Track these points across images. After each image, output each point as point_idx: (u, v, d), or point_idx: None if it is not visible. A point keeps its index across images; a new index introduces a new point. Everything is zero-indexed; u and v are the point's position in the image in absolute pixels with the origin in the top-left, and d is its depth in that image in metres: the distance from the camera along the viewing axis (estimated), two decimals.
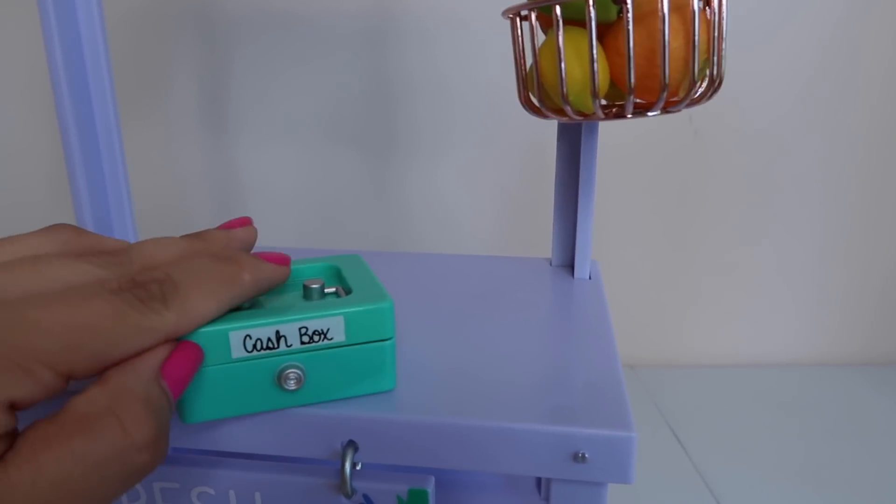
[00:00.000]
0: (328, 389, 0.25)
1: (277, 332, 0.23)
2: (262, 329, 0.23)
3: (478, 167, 0.70)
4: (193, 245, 0.25)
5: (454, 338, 0.31)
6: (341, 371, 0.25)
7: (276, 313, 0.23)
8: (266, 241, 0.31)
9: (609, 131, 0.64)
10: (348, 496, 0.26)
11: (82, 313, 0.19)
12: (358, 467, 0.26)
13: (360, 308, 0.24)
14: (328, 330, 0.24)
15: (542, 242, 0.48)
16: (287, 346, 0.23)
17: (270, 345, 0.23)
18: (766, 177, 0.71)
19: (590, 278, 0.37)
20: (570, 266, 0.38)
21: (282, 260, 0.25)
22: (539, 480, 0.45)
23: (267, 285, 0.24)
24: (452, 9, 0.64)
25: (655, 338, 0.77)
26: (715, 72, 0.28)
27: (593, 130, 0.34)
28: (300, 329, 0.23)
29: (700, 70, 0.28)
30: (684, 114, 0.69)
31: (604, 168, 0.68)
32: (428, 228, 0.72)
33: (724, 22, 0.28)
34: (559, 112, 0.30)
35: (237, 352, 0.23)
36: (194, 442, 0.26)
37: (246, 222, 0.27)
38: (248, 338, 0.23)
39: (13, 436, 0.18)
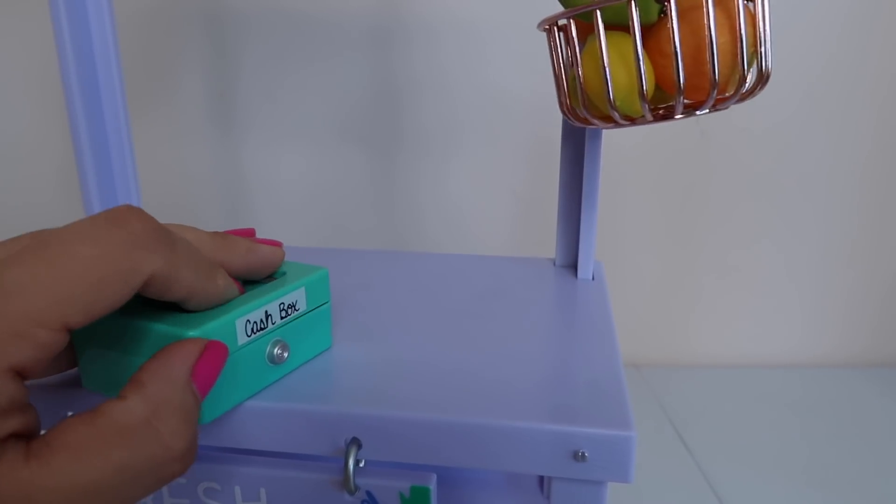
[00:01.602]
0: (299, 355, 0.28)
1: (266, 311, 0.25)
2: (256, 312, 0.25)
3: (485, 167, 0.70)
4: (215, 241, 0.24)
5: (457, 337, 0.31)
6: (306, 336, 0.28)
7: (258, 296, 0.25)
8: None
9: (614, 132, 0.64)
10: (351, 493, 0.26)
11: (67, 262, 0.18)
12: (361, 464, 0.26)
13: (313, 277, 0.28)
14: (296, 301, 0.27)
15: (548, 242, 0.49)
16: (272, 324, 0.26)
17: (262, 325, 0.25)
18: (771, 177, 0.71)
19: (593, 279, 0.37)
20: (573, 266, 0.38)
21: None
22: (541, 479, 0.45)
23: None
24: (460, 10, 0.65)
25: (660, 337, 0.77)
26: (763, 65, 0.27)
27: (597, 132, 0.35)
28: (279, 305, 0.26)
29: (748, 64, 0.27)
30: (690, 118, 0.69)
31: (610, 168, 0.68)
32: (435, 228, 0.72)
33: (768, 12, 0.27)
34: (606, 119, 0.29)
35: (241, 338, 0.24)
36: (201, 438, 0.26)
37: (275, 244, 0.27)
38: (247, 322, 0.24)
39: (28, 408, 0.18)
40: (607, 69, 0.27)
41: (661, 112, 0.29)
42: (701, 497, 0.54)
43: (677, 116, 0.28)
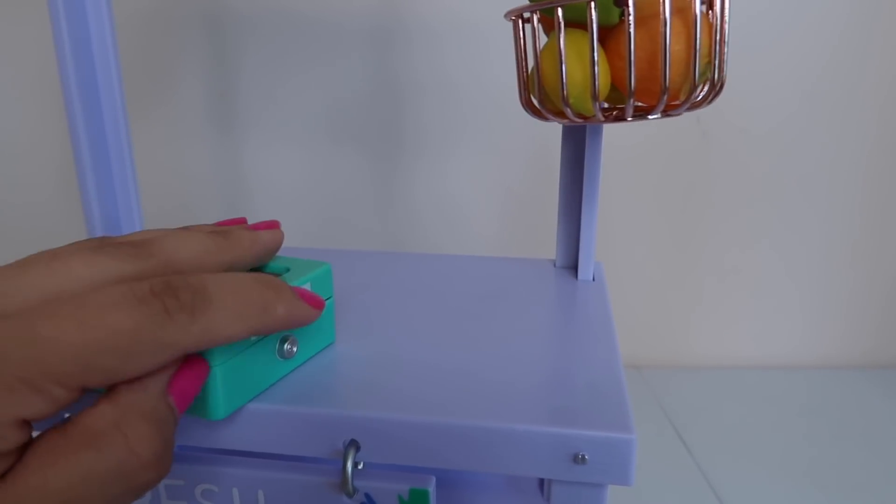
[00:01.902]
0: (307, 350, 0.28)
1: None
2: None
3: (484, 168, 0.70)
4: (219, 244, 0.24)
5: (456, 338, 0.31)
6: (312, 331, 0.28)
7: None
8: None
9: (615, 132, 0.64)
10: (350, 495, 0.26)
11: (99, 330, 0.17)
12: (360, 467, 0.26)
13: (318, 272, 0.28)
14: None
15: (548, 243, 0.48)
16: None
17: None
18: (772, 178, 0.70)
19: (593, 280, 0.37)
20: (573, 267, 0.38)
21: (314, 302, 0.25)
22: (541, 481, 0.45)
23: (296, 323, 0.24)
24: (459, 10, 0.65)
25: (661, 339, 0.77)
26: (716, 76, 0.28)
27: (598, 132, 0.35)
28: None
29: (701, 74, 0.28)
30: (692, 115, 0.69)
31: (610, 169, 0.68)
32: (434, 229, 0.72)
33: (727, 25, 0.28)
34: (559, 114, 0.30)
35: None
36: (199, 440, 0.26)
37: (274, 226, 0.27)
38: None
39: (25, 447, 0.18)
40: (563, 66, 0.27)
41: (613, 113, 0.30)
42: (702, 499, 0.54)
43: (628, 119, 0.29)
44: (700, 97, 0.29)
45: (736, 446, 0.60)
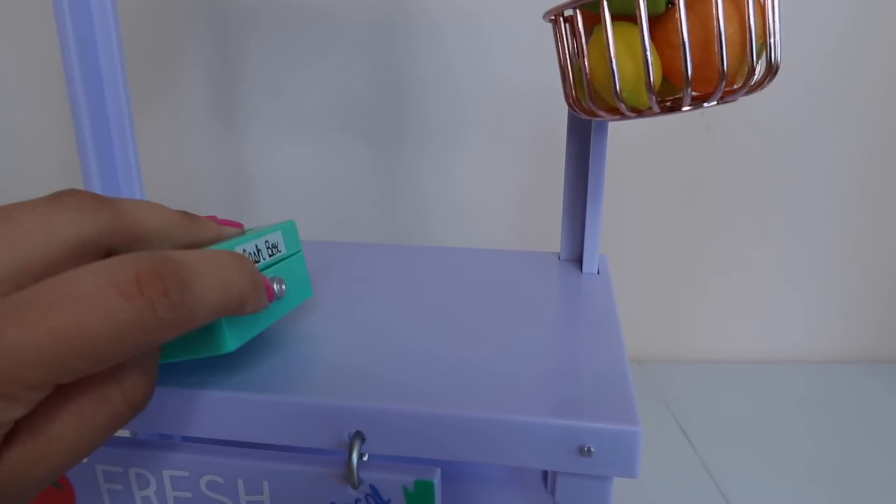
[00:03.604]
0: (292, 299, 0.29)
1: (256, 245, 0.27)
2: (249, 243, 0.26)
3: (490, 161, 0.70)
4: (185, 224, 0.24)
5: (462, 330, 0.31)
6: (294, 280, 0.29)
7: (249, 237, 0.27)
8: None
9: (619, 125, 0.64)
10: (355, 486, 0.26)
11: (73, 338, 0.16)
12: (365, 458, 0.26)
13: (284, 224, 0.30)
14: (277, 243, 0.29)
15: (553, 237, 0.48)
16: (263, 259, 0.27)
17: (255, 258, 0.26)
18: (775, 173, 0.70)
19: (598, 273, 0.37)
20: (578, 260, 0.38)
21: (270, 293, 0.25)
22: (545, 474, 0.45)
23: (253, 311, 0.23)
24: (465, 3, 0.64)
25: (664, 333, 0.77)
26: (773, 56, 0.27)
27: (603, 126, 0.34)
28: (265, 242, 0.28)
29: (758, 55, 0.27)
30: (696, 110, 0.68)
31: (615, 163, 0.68)
32: (439, 222, 0.72)
33: (778, 4, 0.27)
34: (612, 111, 0.29)
35: None
36: (203, 431, 0.26)
37: (237, 226, 0.27)
38: (244, 251, 0.26)
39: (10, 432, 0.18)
40: (614, 60, 0.26)
41: (667, 104, 0.29)
42: (705, 492, 0.54)
43: (685, 108, 0.28)
44: (756, 80, 0.27)
45: (738, 440, 0.60)
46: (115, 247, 0.21)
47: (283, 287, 0.27)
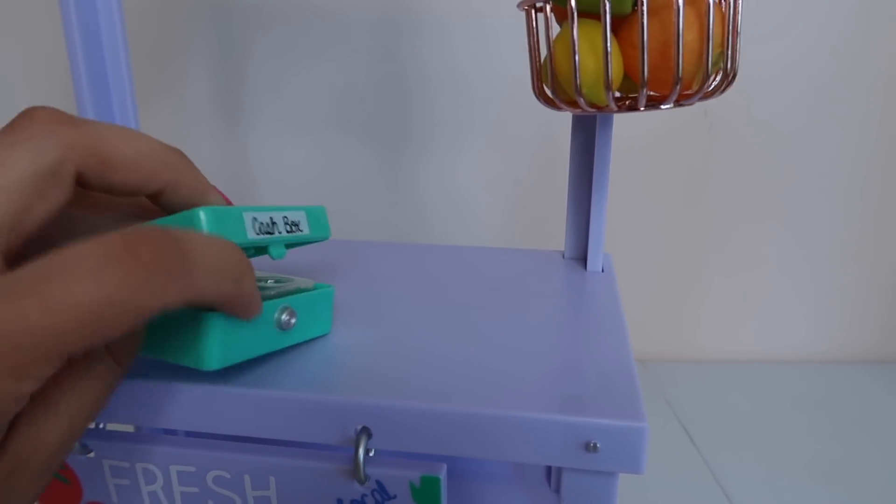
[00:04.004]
0: (301, 333, 0.28)
1: (271, 217, 0.26)
2: (262, 213, 0.26)
3: (492, 159, 0.70)
4: (168, 159, 0.23)
5: (466, 328, 0.31)
6: (312, 312, 0.29)
7: (265, 207, 0.26)
8: None
9: (624, 124, 0.64)
10: (361, 482, 0.26)
11: (66, 311, 0.16)
12: (371, 454, 0.26)
13: (315, 208, 0.29)
14: (299, 222, 0.28)
15: (556, 235, 0.48)
16: (278, 232, 0.26)
17: (269, 228, 0.26)
18: (778, 173, 0.70)
19: (602, 271, 0.37)
20: (582, 259, 0.38)
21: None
22: (549, 471, 0.45)
23: (248, 308, 0.23)
24: (469, 2, 0.64)
25: (667, 333, 0.77)
26: (729, 65, 0.28)
27: (608, 123, 0.34)
28: (283, 217, 0.27)
29: (714, 63, 0.28)
30: (699, 108, 0.68)
31: (618, 162, 0.68)
32: (441, 220, 0.72)
33: (740, 15, 0.28)
34: (572, 104, 0.30)
35: (250, 233, 0.25)
36: (210, 426, 0.26)
37: (225, 197, 0.27)
38: (254, 219, 0.25)
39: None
40: (576, 55, 0.27)
41: (626, 103, 0.30)
42: (707, 492, 0.54)
43: (641, 108, 0.29)
44: (712, 87, 0.29)
45: (741, 440, 0.60)
46: (84, 170, 0.20)
47: (293, 321, 0.27)
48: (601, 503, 0.26)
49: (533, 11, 0.30)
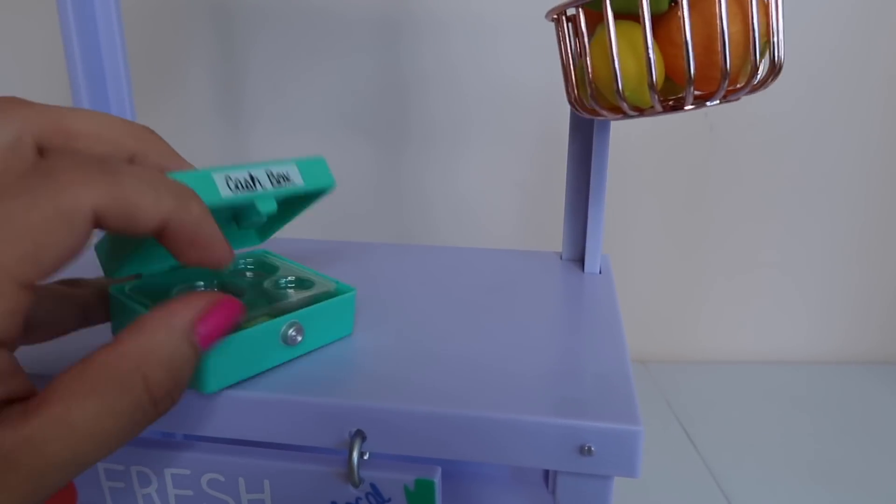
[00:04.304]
0: (316, 339, 0.28)
1: (250, 173, 0.25)
2: (238, 171, 0.25)
3: (493, 161, 0.70)
4: (131, 132, 0.23)
5: (464, 329, 0.31)
6: (329, 318, 0.28)
7: (242, 165, 0.25)
8: (279, 233, 0.31)
9: (622, 125, 0.64)
10: (356, 485, 0.26)
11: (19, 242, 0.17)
12: (365, 457, 0.26)
13: (310, 159, 0.27)
14: (288, 174, 0.26)
15: (556, 236, 0.48)
16: (259, 187, 0.25)
17: (247, 185, 0.25)
18: (779, 174, 0.70)
19: (600, 273, 0.37)
20: (580, 260, 0.38)
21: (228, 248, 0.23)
22: (546, 473, 0.45)
23: (207, 246, 0.22)
24: (469, 3, 0.64)
25: (667, 334, 0.76)
26: (776, 55, 0.27)
27: (606, 126, 0.34)
28: (267, 172, 0.26)
29: (761, 54, 0.26)
30: (700, 110, 0.68)
31: (618, 163, 0.68)
32: (442, 221, 0.72)
33: (781, 2, 0.27)
34: (614, 109, 0.29)
35: (224, 191, 0.24)
36: (205, 429, 0.26)
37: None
38: (228, 178, 0.24)
39: (18, 375, 0.18)
40: (616, 59, 0.26)
41: (670, 103, 0.29)
42: (707, 493, 0.54)
43: (687, 108, 0.28)
44: (759, 79, 0.27)
45: (741, 441, 0.60)
46: (44, 142, 0.21)
47: (299, 338, 0.26)
48: None
49: (563, 19, 0.29)
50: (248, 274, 0.31)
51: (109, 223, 0.18)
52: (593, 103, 0.29)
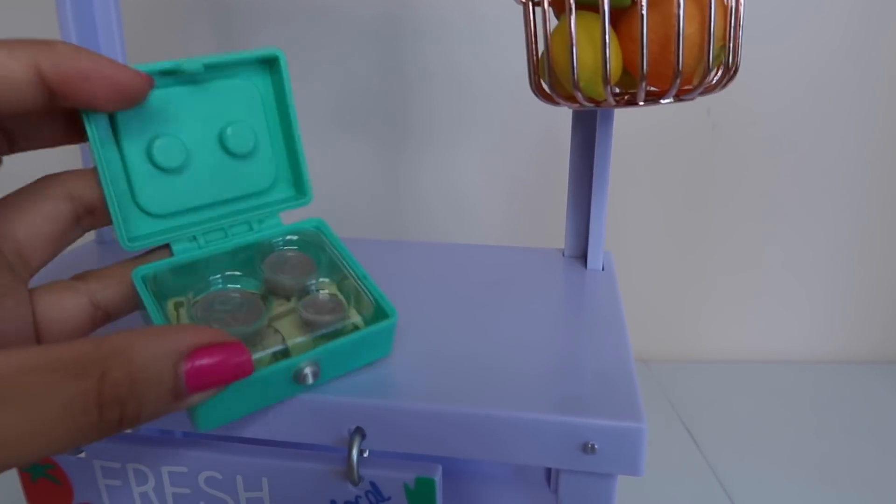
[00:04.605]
0: (339, 370, 0.26)
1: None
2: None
3: (492, 157, 0.69)
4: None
5: (464, 326, 0.30)
6: (353, 353, 0.25)
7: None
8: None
9: (625, 121, 0.63)
10: (355, 483, 0.25)
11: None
12: (365, 454, 0.26)
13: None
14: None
15: (557, 232, 0.48)
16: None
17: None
18: (782, 172, 0.70)
19: (603, 269, 0.37)
20: (582, 257, 0.38)
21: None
22: (549, 472, 0.45)
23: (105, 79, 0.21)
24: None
25: (669, 333, 0.76)
26: (731, 60, 0.28)
27: (608, 119, 0.34)
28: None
29: (715, 57, 0.27)
30: (702, 107, 0.68)
31: (618, 159, 0.68)
32: (441, 218, 0.72)
33: (742, 8, 0.27)
34: (570, 99, 0.29)
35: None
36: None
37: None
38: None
39: None
40: (574, 48, 0.27)
41: (625, 98, 0.29)
42: (710, 493, 0.53)
43: (640, 103, 0.28)
44: (714, 81, 0.28)
45: (743, 440, 0.60)
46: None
47: (311, 379, 0.23)
48: None
49: (531, 5, 0.29)
50: (290, 254, 0.27)
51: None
52: (551, 91, 0.29)
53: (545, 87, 0.30)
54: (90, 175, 0.24)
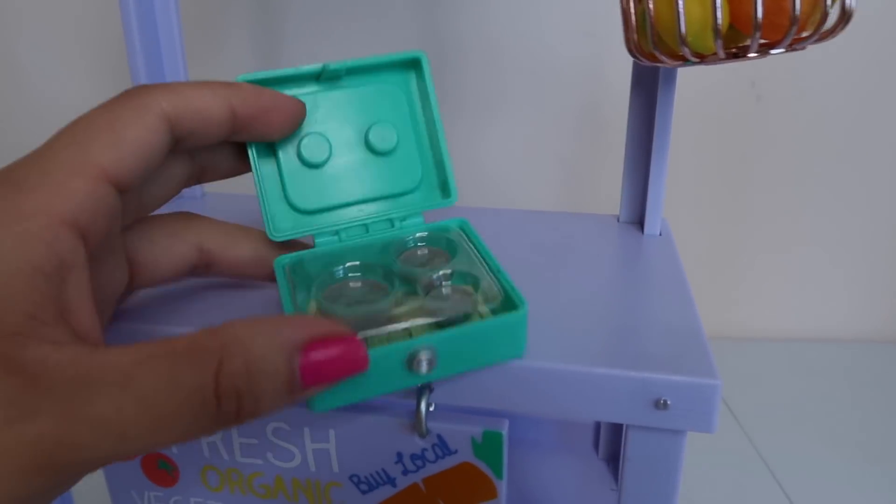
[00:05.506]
0: (460, 365, 0.23)
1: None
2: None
3: (529, 131, 0.69)
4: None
5: (526, 286, 0.30)
6: (476, 346, 0.23)
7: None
8: None
9: None
10: (423, 436, 0.26)
11: (81, 128, 0.21)
12: (432, 408, 0.26)
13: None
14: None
15: (595, 206, 0.47)
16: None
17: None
18: (826, 147, 0.68)
19: (660, 235, 0.36)
20: (638, 222, 0.37)
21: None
22: (597, 438, 0.45)
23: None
24: None
25: (706, 310, 0.75)
26: (847, 1, 0.26)
27: (671, 79, 0.33)
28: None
29: (833, 1, 0.25)
30: (746, 79, 0.66)
31: None
32: (476, 192, 0.71)
33: None
34: (674, 56, 0.28)
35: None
36: None
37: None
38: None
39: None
40: (680, 2, 0.26)
41: (733, 51, 0.28)
42: (752, 468, 0.53)
43: (750, 55, 0.27)
44: (828, 27, 0.26)
45: (784, 417, 0.60)
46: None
47: (425, 369, 0.22)
48: (667, 465, 0.25)
49: None
50: (426, 249, 0.27)
51: (184, 124, 0.21)
52: (654, 49, 0.28)
53: (646, 45, 0.28)
54: (224, 230, 0.26)
